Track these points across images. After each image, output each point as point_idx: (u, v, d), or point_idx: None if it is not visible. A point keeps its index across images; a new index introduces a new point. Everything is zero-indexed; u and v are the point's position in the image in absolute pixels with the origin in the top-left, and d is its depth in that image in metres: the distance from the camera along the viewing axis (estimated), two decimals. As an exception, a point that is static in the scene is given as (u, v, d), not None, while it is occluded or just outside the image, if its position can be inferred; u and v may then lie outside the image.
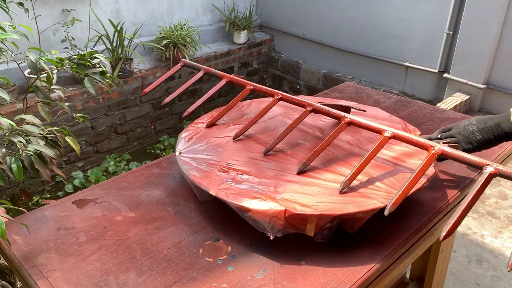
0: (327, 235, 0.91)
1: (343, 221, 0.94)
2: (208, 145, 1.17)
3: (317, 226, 0.89)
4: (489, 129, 1.06)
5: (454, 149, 0.98)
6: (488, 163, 0.92)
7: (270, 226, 0.89)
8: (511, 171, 0.90)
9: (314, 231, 0.89)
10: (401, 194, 0.89)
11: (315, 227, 0.88)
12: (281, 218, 0.88)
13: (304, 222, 0.89)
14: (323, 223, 0.89)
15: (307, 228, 0.89)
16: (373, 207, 0.90)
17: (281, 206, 0.89)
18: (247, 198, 0.93)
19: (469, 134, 1.07)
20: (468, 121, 1.10)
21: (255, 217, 0.90)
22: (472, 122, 1.09)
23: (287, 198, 0.93)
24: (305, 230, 0.90)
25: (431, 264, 1.51)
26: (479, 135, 1.06)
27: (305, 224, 0.89)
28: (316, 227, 0.89)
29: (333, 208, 0.89)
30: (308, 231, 0.89)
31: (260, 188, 0.97)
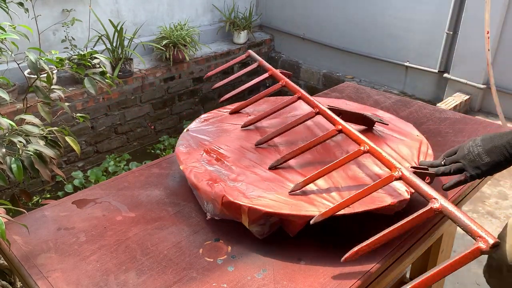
0: (263, 232, 0.93)
1: (283, 222, 0.94)
2: (217, 128, 1.25)
3: (250, 219, 0.91)
4: (497, 149, 0.91)
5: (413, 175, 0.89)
6: (436, 197, 0.84)
7: (210, 207, 0.97)
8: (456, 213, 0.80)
9: (248, 222, 0.92)
10: (334, 208, 0.87)
11: (248, 219, 0.91)
12: (219, 203, 0.94)
13: (238, 211, 0.92)
14: (255, 217, 0.91)
15: (242, 218, 0.93)
16: (306, 214, 0.88)
17: (222, 192, 0.94)
18: (203, 179, 1.00)
19: (475, 158, 0.93)
20: (473, 141, 0.95)
21: (200, 195, 0.99)
22: (478, 143, 0.94)
23: (238, 187, 0.97)
24: (241, 219, 0.94)
25: (431, 264, 1.51)
26: (487, 157, 0.92)
27: (240, 214, 0.93)
28: (249, 220, 0.91)
29: (268, 205, 0.91)
30: (243, 221, 0.93)
31: (224, 173, 1.03)
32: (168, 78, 3.91)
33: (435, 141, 1.34)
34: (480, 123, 1.48)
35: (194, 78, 4.15)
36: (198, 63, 4.13)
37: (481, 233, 0.75)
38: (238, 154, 1.12)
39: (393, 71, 3.95)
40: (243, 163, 1.08)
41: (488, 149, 0.92)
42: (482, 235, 0.75)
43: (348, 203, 0.88)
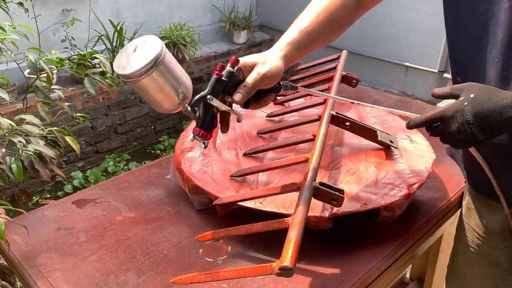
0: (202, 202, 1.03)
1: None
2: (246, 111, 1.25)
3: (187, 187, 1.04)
4: (497, 127, 0.72)
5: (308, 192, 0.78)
6: (290, 214, 0.76)
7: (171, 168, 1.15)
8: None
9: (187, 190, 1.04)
10: (233, 197, 0.93)
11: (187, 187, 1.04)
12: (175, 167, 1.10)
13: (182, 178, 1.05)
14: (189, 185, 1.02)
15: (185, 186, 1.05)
16: (217, 195, 0.96)
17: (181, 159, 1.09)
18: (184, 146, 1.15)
19: (468, 137, 0.74)
20: (461, 115, 0.74)
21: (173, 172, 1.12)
22: (469, 119, 0.73)
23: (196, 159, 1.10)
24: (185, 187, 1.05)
25: (431, 264, 1.50)
26: (482, 135, 0.73)
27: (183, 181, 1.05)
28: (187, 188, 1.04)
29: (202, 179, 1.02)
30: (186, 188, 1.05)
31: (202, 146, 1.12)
32: (168, 78, 3.91)
33: (435, 141, 1.34)
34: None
35: (194, 78, 4.15)
36: (198, 63, 4.13)
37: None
38: (237, 136, 1.20)
39: (393, 71, 3.96)
40: (230, 144, 1.17)
41: (485, 127, 0.73)
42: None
43: (248, 196, 0.91)
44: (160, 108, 0.77)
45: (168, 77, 0.73)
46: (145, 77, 0.71)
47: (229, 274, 0.72)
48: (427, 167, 1.04)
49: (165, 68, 0.72)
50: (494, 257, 1.02)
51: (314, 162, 0.87)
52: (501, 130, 0.73)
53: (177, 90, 0.75)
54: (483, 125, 0.72)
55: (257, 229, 0.78)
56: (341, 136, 1.20)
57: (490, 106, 0.71)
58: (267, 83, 0.81)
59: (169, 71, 0.73)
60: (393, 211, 0.95)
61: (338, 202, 0.79)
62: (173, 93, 0.75)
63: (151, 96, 0.75)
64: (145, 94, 0.75)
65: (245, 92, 0.79)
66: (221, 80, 0.79)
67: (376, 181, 0.99)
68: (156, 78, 0.72)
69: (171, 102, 0.76)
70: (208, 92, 0.79)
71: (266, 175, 1.03)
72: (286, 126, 1.20)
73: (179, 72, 0.76)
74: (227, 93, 0.79)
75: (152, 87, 0.73)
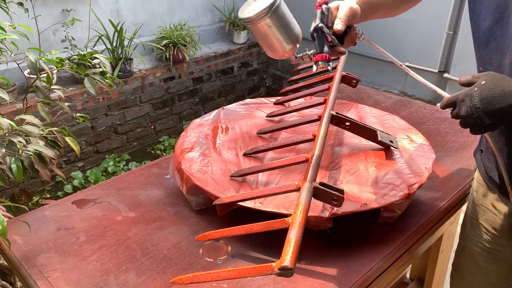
0: (199, 203, 1.03)
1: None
2: (247, 112, 1.36)
3: (186, 187, 1.03)
4: (502, 113, 0.75)
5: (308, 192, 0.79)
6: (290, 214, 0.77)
7: (170, 167, 1.14)
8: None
9: (185, 191, 1.04)
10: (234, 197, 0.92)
11: (185, 187, 1.04)
12: (175, 167, 1.10)
13: (182, 177, 1.05)
14: (188, 185, 1.02)
15: (183, 186, 1.05)
16: (217, 195, 0.96)
17: (181, 159, 1.09)
18: (184, 146, 1.15)
19: (476, 120, 0.78)
20: (469, 100, 0.78)
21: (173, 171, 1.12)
22: (475, 104, 0.77)
23: (196, 159, 1.10)
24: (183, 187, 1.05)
25: (431, 264, 1.50)
26: (489, 120, 0.77)
27: (182, 180, 1.05)
28: (186, 188, 1.04)
29: (202, 179, 1.01)
30: (183, 189, 1.05)
31: (203, 146, 1.15)
32: (168, 78, 3.91)
33: (435, 141, 1.34)
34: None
35: (194, 78, 4.15)
36: (198, 63, 4.13)
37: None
38: (237, 136, 1.21)
39: (393, 71, 3.95)
40: (230, 144, 1.17)
41: (490, 112, 0.76)
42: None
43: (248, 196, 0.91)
44: (277, 50, 0.89)
45: (283, 20, 0.86)
46: (264, 19, 0.84)
47: (229, 274, 0.72)
48: (427, 167, 1.04)
49: (280, 12, 0.85)
50: (501, 254, 1.03)
51: (314, 162, 0.87)
52: (506, 117, 0.76)
53: (291, 33, 0.88)
54: (488, 110, 0.76)
55: (257, 229, 0.78)
56: (341, 136, 1.20)
57: (495, 92, 0.75)
58: (353, 17, 0.95)
59: (284, 16, 0.86)
60: (393, 211, 0.95)
61: (338, 202, 0.80)
62: (288, 35, 0.88)
63: (269, 38, 0.87)
64: (264, 37, 0.87)
65: (343, 22, 0.92)
66: (324, 13, 0.92)
67: (376, 181, 0.99)
68: (274, 21, 0.84)
69: (286, 43, 0.88)
70: (319, 22, 0.91)
71: (266, 175, 1.03)
72: (286, 126, 1.20)
73: (292, 19, 0.89)
74: (328, 26, 0.92)
75: (271, 29, 0.85)
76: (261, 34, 0.87)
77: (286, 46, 0.89)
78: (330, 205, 0.88)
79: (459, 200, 1.12)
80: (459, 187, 1.13)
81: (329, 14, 0.92)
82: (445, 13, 3.45)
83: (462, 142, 1.35)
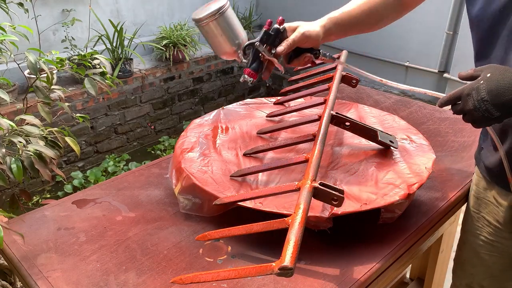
0: (186, 206, 1.02)
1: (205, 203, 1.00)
2: (247, 112, 1.34)
3: (182, 185, 1.02)
4: (510, 104, 0.76)
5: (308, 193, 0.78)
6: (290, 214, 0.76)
7: (170, 166, 1.14)
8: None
9: (179, 189, 1.03)
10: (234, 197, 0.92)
11: (181, 185, 1.03)
12: (174, 166, 1.09)
13: (180, 175, 1.04)
14: (186, 184, 1.01)
15: (177, 185, 1.04)
16: (216, 195, 0.96)
17: (181, 159, 1.08)
18: (185, 146, 1.14)
19: (484, 113, 0.78)
20: (476, 93, 0.78)
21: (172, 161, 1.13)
22: (483, 97, 0.77)
23: (195, 159, 1.09)
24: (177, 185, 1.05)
25: (431, 264, 1.51)
26: (497, 112, 0.77)
27: (179, 179, 1.04)
28: (181, 186, 1.03)
29: (202, 179, 1.01)
30: (176, 188, 1.04)
31: (203, 146, 1.15)
32: (168, 78, 3.91)
33: (435, 141, 1.34)
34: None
35: (194, 78, 4.16)
36: (198, 63, 4.13)
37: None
38: (237, 136, 1.21)
39: (393, 71, 3.95)
40: (230, 144, 1.17)
41: (499, 104, 0.76)
42: None
43: (248, 196, 0.91)
44: (220, 51, 1.00)
45: (227, 25, 0.96)
46: (209, 22, 0.95)
47: (229, 274, 0.72)
48: (427, 167, 1.04)
49: (225, 18, 0.95)
50: (503, 246, 1.04)
51: (314, 162, 0.87)
52: None
53: (234, 37, 0.98)
54: (497, 102, 0.76)
55: (257, 229, 0.78)
56: (341, 136, 1.20)
57: (503, 84, 0.76)
58: (305, 41, 0.99)
59: (228, 21, 0.97)
60: (393, 212, 0.95)
61: (338, 202, 0.79)
62: (230, 39, 0.98)
63: (214, 38, 0.98)
64: (209, 37, 0.99)
65: (287, 45, 0.98)
66: (268, 33, 0.99)
67: (376, 181, 0.99)
68: (218, 24, 0.95)
69: (228, 46, 0.99)
70: (257, 40, 0.99)
71: (266, 175, 1.03)
72: (286, 126, 1.20)
73: (236, 25, 0.99)
74: (273, 46, 0.99)
75: (214, 31, 0.97)
76: (207, 34, 0.99)
77: (228, 48, 0.99)
78: (330, 205, 0.88)
79: (459, 200, 1.12)
80: (459, 187, 1.13)
81: (278, 33, 0.99)
82: (445, 13, 3.45)
83: (462, 142, 1.35)
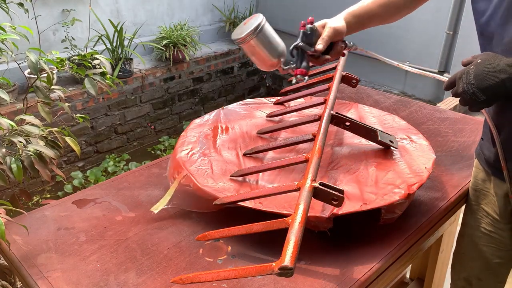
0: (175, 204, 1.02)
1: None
2: (247, 112, 1.35)
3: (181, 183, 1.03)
4: (493, 89, 0.81)
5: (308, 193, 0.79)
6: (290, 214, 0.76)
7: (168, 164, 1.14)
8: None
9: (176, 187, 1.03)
10: (234, 197, 0.92)
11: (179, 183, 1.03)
12: (172, 165, 1.10)
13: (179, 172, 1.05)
14: (186, 182, 1.01)
15: (174, 182, 1.04)
16: (215, 194, 0.96)
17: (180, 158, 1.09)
18: (185, 146, 1.15)
19: (471, 96, 0.84)
20: (466, 77, 0.85)
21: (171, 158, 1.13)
22: (471, 81, 0.83)
23: (194, 158, 1.10)
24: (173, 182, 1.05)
25: (431, 264, 1.51)
26: (483, 96, 0.83)
27: (175, 176, 1.05)
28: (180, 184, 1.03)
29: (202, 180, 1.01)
30: (173, 186, 1.04)
31: (203, 146, 1.15)
32: (168, 78, 3.91)
33: (435, 141, 1.34)
34: (480, 123, 1.48)
35: (194, 78, 4.16)
36: (198, 63, 4.13)
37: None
38: (237, 136, 1.21)
39: (393, 71, 3.95)
40: (230, 144, 1.17)
41: (483, 88, 0.82)
42: None
43: (248, 196, 0.91)
44: (264, 64, 1.07)
45: (266, 40, 1.03)
46: (249, 40, 1.02)
47: (229, 274, 0.72)
48: (427, 167, 1.04)
49: (264, 33, 1.03)
50: (500, 237, 1.06)
51: (314, 162, 0.87)
52: (497, 92, 0.82)
53: (274, 49, 1.05)
54: (482, 86, 0.82)
55: (257, 229, 0.78)
56: (341, 136, 1.20)
57: (488, 69, 0.82)
58: (336, 35, 1.08)
59: (267, 35, 1.04)
60: (393, 212, 0.95)
61: (338, 202, 0.80)
62: (272, 52, 1.05)
63: (256, 54, 1.05)
64: (252, 53, 1.05)
65: (324, 42, 1.06)
66: (306, 33, 1.06)
67: (376, 181, 0.99)
68: (258, 41, 1.02)
69: (271, 59, 1.06)
70: (298, 42, 1.06)
71: (266, 175, 1.03)
72: (286, 126, 1.20)
73: (275, 37, 1.06)
74: (310, 44, 1.06)
75: (256, 47, 1.04)
76: (249, 52, 1.06)
77: (271, 60, 1.06)
78: (330, 205, 0.88)
79: (459, 200, 1.12)
80: (459, 187, 1.13)
81: (313, 32, 1.07)
82: (445, 13, 3.45)
83: (462, 142, 1.35)
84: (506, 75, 0.79)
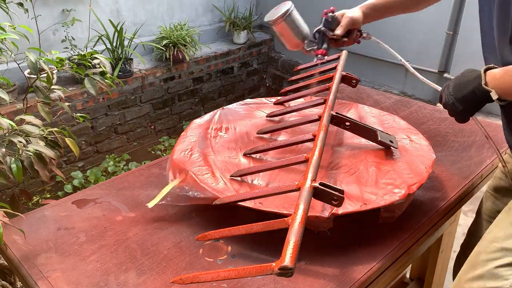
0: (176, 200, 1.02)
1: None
2: (247, 112, 1.35)
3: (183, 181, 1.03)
4: (467, 98, 0.92)
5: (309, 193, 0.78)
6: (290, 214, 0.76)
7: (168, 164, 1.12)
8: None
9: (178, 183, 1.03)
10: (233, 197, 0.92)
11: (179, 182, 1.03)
12: (170, 165, 1.09)
13: (181, 172, 1.05)
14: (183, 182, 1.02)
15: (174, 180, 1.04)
16: (216, 195, 0.96)
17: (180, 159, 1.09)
18: (184, 145, 1.15)
19: (452, 106, 0.95)
20: (447, 88, 0.96)
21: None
22: (450, 91, 0.94)
23: (194, 159, 1.10)
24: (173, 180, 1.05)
25: (431, 264, 1.51)
26: (460, 106, 0.93)
27: (176, 175, 1.06)
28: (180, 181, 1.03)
29: (201, 174, 1.02)
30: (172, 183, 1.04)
31: (201, 146, 1.15)
32: (168, 78, 3.91)
33: (435, 141, 1.34)
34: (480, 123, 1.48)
35: (194, 78, 4.15)
36: (198, 63, 4.13)
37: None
38: (237, 136, 1.21)
39: (393, 71, 3.95)
40: (230, 144, 1.17)
41: (460, 98, 0.93)
42: None
43: (248, 196, 0.90)
44: (290, 44, 1.31)
45: (294, 23, 1.26)
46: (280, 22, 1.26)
47: (229, 274, 0.72)
48: (427, 167, 1.04)
49: (292, 18, 1.26)
50: None
51: (314, 162, 0.87)
52: (472, 102, 0.91)
53: (300, 32, 1.28)
54: (458, 96, 0.92)
55: (257, 229, 0.78)
56: (341, 136, 1.20)
57: (463, 80, 0.92)
58: (353, 24, 1.28)
59: (294, 20, 1.27)
60: (393, 212, 0.95)
61: (338, 202, 0.79)
62: (297, 34, 1.28)
63: (284, 35, 1.29)
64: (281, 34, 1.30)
65: (342, 28, 1.26)
66: (328, 20, 1.28)
67: (376, 181, 0.99)
68: (286, 24, 1.26)
69: (296, 40, 1.29)
70: (321, 26, 1.28)
71: (266, 175, 1.03)
72: (286, 126, 1.20)
73: (301, 22, 1.29)
74: (330, 30, 1.28)
75: (284, 29, 1.27)
76: (279, 32, 1.29)
77: (296, 40, 1.29)
78: (330, 205, 0.88)
79: (459, 200, 1.12)
80: (459, 187, 1.13)
81: (334, 20, 1.28)
82: (445, 13, 3.45)
83: (462, 142, 1.35)
84: (475, 85, 0.89)
